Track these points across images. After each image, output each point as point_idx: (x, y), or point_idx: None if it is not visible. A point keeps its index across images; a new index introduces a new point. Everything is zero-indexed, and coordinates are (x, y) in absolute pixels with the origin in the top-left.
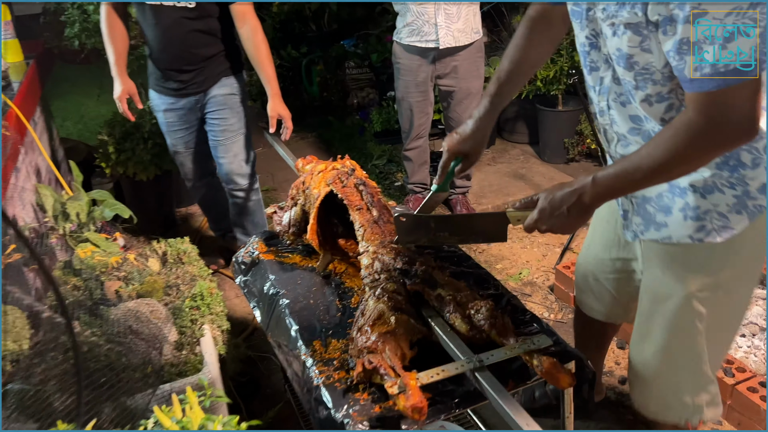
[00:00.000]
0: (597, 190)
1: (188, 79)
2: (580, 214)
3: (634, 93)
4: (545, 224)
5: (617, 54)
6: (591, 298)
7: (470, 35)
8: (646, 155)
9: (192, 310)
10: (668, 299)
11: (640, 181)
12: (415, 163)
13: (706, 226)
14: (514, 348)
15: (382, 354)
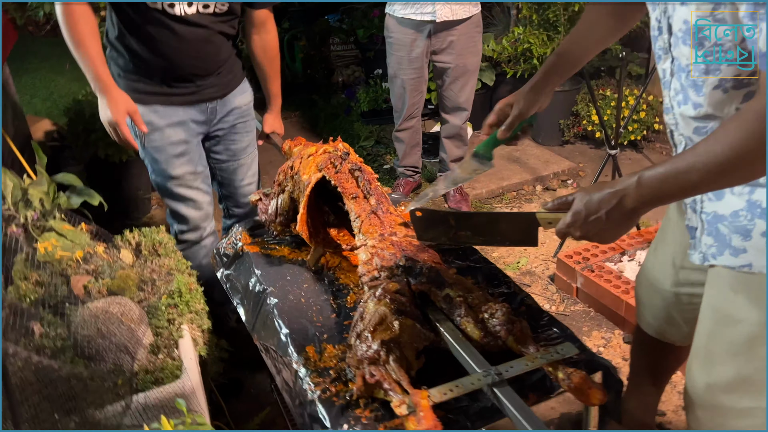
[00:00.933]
0: (642, 192)
1: (201, 83)
2: (622, 221)
3: (702, 82)
4: (579, 230)
5: (684, 29)
6: (650, 312)
7: (469, 8)
8: (703, 152)
9: (169, 308)
10: (738, 323)
11: (695, 184)
12: (406, 144)
13: None
14: (535, 358)
15: (385, 365)
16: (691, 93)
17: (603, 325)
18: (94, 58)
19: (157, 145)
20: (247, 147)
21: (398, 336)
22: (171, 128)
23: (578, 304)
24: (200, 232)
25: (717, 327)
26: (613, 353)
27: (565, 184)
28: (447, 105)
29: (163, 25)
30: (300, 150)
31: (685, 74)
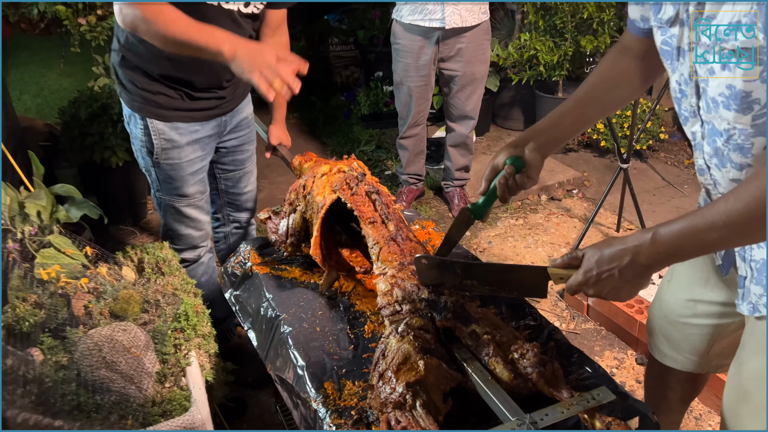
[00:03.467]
0: (657, 249)
1: (226, 95)
2: (635, 279)
3: (749, 144)
4: (592, 288)
5: (728, 94)
6: (664, 343)
7: (478, 15)
8: (724, 210)
9: (175, 332)
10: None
11: (715, 242)
12: (411, 152)
13: None
14: (571, 405)
15: (412, 411)
16: (735, 156)
17: (615, 345)
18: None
19: (174, 163)
20: (251, 155)
21: (424, 377)
22: (190, 146)
23: (589, 322)
24: (199, 251)
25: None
26: (627, 375)
27: (570, 194)
28: (453, 113)
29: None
30: (312, 167)
31: (723, 139)
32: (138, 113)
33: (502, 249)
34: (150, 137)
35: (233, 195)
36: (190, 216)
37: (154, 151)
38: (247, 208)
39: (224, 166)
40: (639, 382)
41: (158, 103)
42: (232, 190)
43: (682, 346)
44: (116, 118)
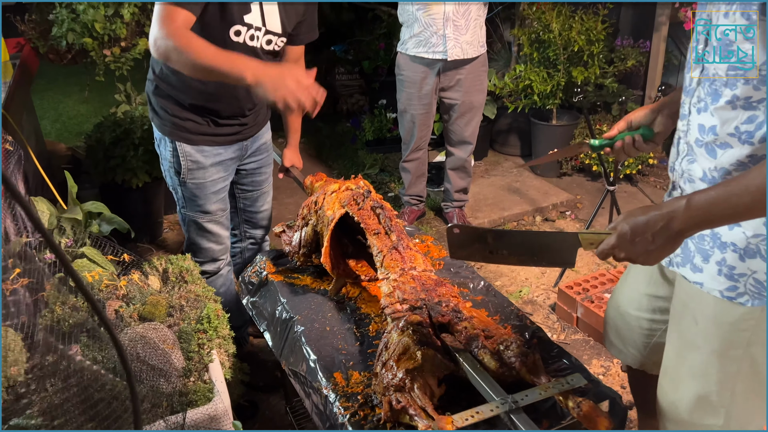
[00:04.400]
0: (691, 214)
1: (248, 122)
2: (668, 243)
3: (720, 92)
4: (624, 251)
5: (720, 40)
6: (617, 338)
7: (477, 48)
8: (758, 174)
9: (199, 333)
10: (698, 350)
11: (747, 206)
12: (413, 174)
13: (738, 287)
14: (548, 388)
15: (410, 392)
16: (708, 101)
17: (602, 354)
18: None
19: (199, 183)
20: (268, 177)
21: (421, 365)
22: (214, 167)
23: (578, 333)
24: (219, 264)
25: (681, 351)
26: (612, 381)
27: (563, 216)
28: (453, 138)
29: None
30: (322, 186)
31: (709, 84)
32: (168, 137)
33: (497, 266)
34: (178, 159)
35: (250, 213)
36: (211, 231)
37: (182, 172)
38: (262, 226)
39: (243, 186)
40: (624, 387)
41: (187, 129)
42: (249, 209)
43: (626, 339)
44: (137, 142)
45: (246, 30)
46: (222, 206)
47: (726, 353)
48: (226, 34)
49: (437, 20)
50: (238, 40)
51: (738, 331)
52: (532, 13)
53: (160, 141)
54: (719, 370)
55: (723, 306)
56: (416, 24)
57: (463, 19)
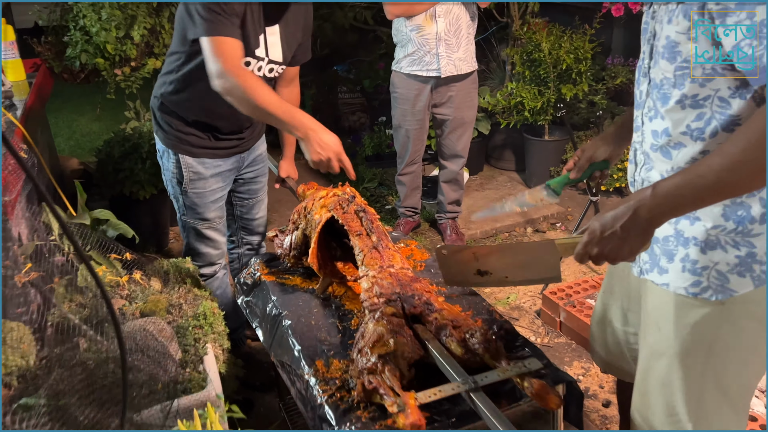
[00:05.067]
0: (657, 201)
1: (245, 136)
2: (638, 234)
3: (669, 94)
4: (597, 247)
5: (665, 44)
6: (597, 343)
7: (470, 63)
8: (718, 152)
9: (195, 329)
10: (662, 356)
11: (711, 188)
12: (408, 187)
13: (702, 282)
14: (506, 370)
15: (381, 375)
16: (659, 106)
17: (583, 356)
18: (285, 108)
19: (199, 192)
20: (263, 186)
21: (393, 351)
22: (213, 178)
23: (561, 337)
24: (215, 267)
25: (648, 361)
26: (592, 381)
27: (554, 227)
28: (445, 152)
29: None
30: (312, 193)
31: (657, 90)
32: (171, 149)
33: None
34: (180, 170)
35: (247, 220)
36: (210, 237)
37: (183, 182)
38: (258, 232)
39: (240, 195)
40: (602, 387)
41: (189, 142)
42: (246, 216)
43: (610, 351)
44: (145, 156)
45: (255, 62)
46: (220, 214)
47: (687, 356)
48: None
49: (430, 40)
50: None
51: (698, 333)
52: (523, 34)
53: (164, 153)
54: (682, 376)
55: (684, 307)
56: (410, 44)
57: (455, 38)
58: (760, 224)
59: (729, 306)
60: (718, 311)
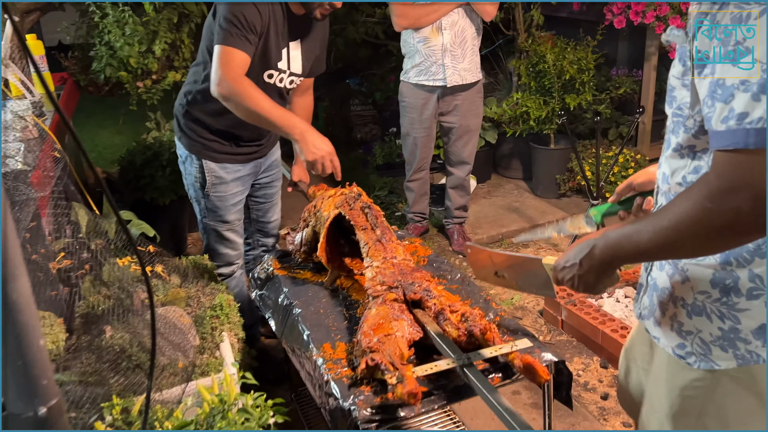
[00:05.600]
0: (606, 243)
1: (263, 143)
2: (593, 270)
3: (670, 140)
4: (560, 274)
5: (668, 88)
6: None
7: (475, 73)
8: (652, 217)
9: (212, 318)
10: (656, 413)
11: (644, 246)
12: (416, 193)
13: (686, 346)
14: (498, 348)
15: (383, 352)
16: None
17: (583, 353)
18: (280, 113)
19: (221, 195)
20: (278, 191)
21: (394, 332)
22: (234, 182)
23: (563, 335)
24: (233, 267)
25: (647, 413)
26: (591, 375)
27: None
28: (452, 159)
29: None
30: (322, 193)
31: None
32: (195, 155)
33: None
34: (203, 174)
35: (263, 223)
36: (229, 238)
37: (206, 186)
38: (273, 234)
39: (257, 199)
40: (601, 381)
41: (212, 148)
42: (262, 219)
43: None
44: (165, 163)
45: (277, 74)
46: (239, 216)
47: (679, 420)
48: (261, 76)
49: (436, 51)
50: (270, 82)
51: (688, 398)
52: (528, 46)
53: (186, 158)
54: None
55: (674, 368)
56: (417, 55)
57: (460, 49)
58: (746, 299)
59: (719, 376)
60: (709, 378)
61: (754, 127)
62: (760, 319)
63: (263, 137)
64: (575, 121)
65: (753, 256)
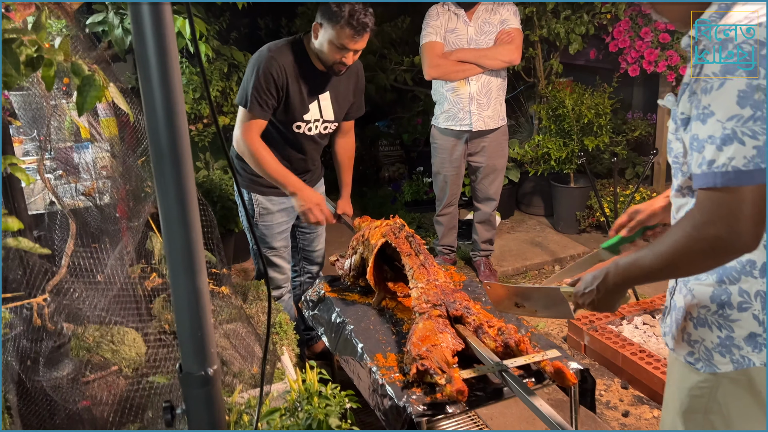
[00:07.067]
0: (617, 271)
1: (306, 179)
2: (607, 293)
3: (674, 182)
4: (580, 299)
5: (668, 140)
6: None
7: (497, 120)
8: (655, 244)
9: (273, 335)
10: (667, 410)
11: (648, 270)
12: (445, 227)
13: (694, 353)
14: (531, 357)
15: (431, 359)
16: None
17: (605, 375)
18: (281, 171)
19: (268, 224)
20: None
21: (440, 343)
22: (279, 213)
23: (586, 359)
24: (282, 291)
25: (663, 413)
26: (612, 395)
27: None
28: (479, 195)
29: (295, 140)
30: (368, 224)
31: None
32: (246, 189)
33: None
34: (253, 206)
35: (308, 252)
36: (276, 264)
37: (255, 216)
38: (317, 263)
39: (303, 230)
40: (622, 401)
41: (260, 183)
42: (307, 248)
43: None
44: (215, 200)
45: (305, 125)
46: (285, 244)
47: (688, 416)
48: (290, 127)
49: (463, 99)
50: (299, 132)
51: (695, 397)
52: (548, 92)
53: (240, 192)
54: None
55: (684, 372)
56: (446, 102)
57: (485, 98)
58: (738, 311)
59: (720, 378)
60: (712, 380)
61: (720, 170)
62: (749, 328)
63: (306, 173)
64: (593, 161)
65: (740, 274)
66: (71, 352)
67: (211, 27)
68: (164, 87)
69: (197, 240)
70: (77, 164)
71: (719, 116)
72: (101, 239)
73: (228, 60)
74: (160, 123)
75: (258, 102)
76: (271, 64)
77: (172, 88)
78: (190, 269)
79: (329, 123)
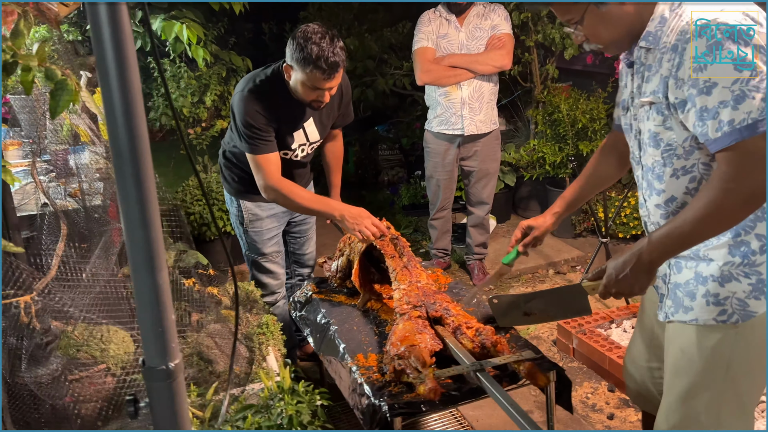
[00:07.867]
0: (653, 247)
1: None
2: (643, 274)
3: (662, 172)
4: (614, 288)
5: (648, 135)
6: (634, 385)
7: (489, 125)
8: (690, 208)
9: (259, 335)
10: (684, 375)
11: (688, 234)
12: (439, 230)
13: (727, 310)
14: (507, 357)
15: (408, 359)
16: (656, 183)
17: (592, 378)
18: (317, 200)
19: (258, 230)
20: (312, 226)
21: (418, 343)
22: (269, 218)
23: (574, 362)
24: (276, 296)
25: (671, 379)
26: (599, 398)
27: (573, 270)
28: (472, 199)
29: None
30: None
31: (651, 172)
32: (235, 196)
33: None
34: (242, 212)
35: (298, 255)
36: (269, 269)
37: (244, 222)
38: (308, 265)
39: (293, 234)
40: (608, 403)
41: (248, 190)
42: (297, 252)
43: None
44: (212, 202)
45: (292, 152)
46: (277, 249)
47: (709, 375)
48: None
49: (455, 104)
50: (286, 158)
51: (717, 354)
52: (545, 97)
53: (230, 200)
54: (704, 389)
55: (704, 333)
56: (438, 107)
57: (477, 102)
58: (761, 255)
59: (741, 329)
60: (734, 333)
61: (743, 125)
62: None
63: (294, 179)
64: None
65: (754, 222)
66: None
67: (210, 32)
68: (122, 89)
69: (157, 239)
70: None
71: (724, 83)
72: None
73: (227, 64)
74: (119, 124)
75: (258, 140)
76: (251, 106)
77: (130, 89)
78: (150, 266)
79: (315, 143)
